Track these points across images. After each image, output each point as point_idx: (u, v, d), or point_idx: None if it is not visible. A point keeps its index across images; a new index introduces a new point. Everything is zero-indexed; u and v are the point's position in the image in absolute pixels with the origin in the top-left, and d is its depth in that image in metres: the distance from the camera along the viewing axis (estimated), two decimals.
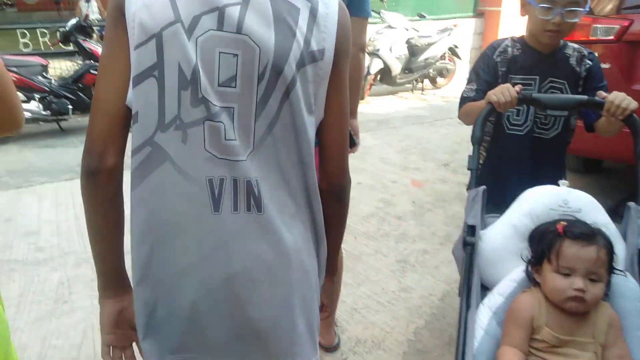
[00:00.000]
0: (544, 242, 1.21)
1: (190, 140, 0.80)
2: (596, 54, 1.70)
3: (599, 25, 3.03)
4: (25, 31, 5.33)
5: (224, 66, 0.78)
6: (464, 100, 1.71)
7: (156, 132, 0.80)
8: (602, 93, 1.47)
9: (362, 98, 6.60)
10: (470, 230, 1.34)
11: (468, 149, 1.54)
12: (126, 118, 0.81)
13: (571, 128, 1.71)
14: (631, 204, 1.38)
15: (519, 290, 1.25)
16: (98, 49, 5.01)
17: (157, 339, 0.90)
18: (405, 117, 5.93)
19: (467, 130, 1.61)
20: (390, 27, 6.71)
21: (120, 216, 0.88)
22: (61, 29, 5.02)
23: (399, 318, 2.18)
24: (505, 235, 1.36)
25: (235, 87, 0.80)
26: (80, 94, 5.00)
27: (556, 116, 1.66)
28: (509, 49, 1.66)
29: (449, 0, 8.03)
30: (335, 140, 0.93)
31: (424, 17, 7.32)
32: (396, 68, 6.74)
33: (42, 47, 5.46)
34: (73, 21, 5.01)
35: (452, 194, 3.58)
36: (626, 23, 2.88)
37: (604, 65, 3.01)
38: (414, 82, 7.26)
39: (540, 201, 1.34)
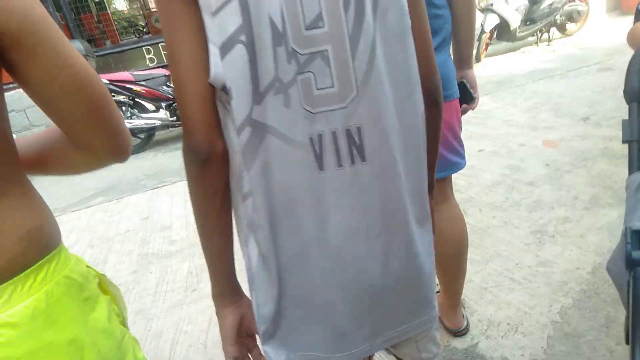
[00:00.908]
0: None
1: (292, 102, 0.70)
2: None
3: None
4: (150, 47, 5.86)
5: (307, 4, 0.67)
6: (638, 15, 1.21)
7: (252, 107, 0.70)
8: None
9: (479, 60, 6.04)
10: (639, 239, 0.85)
11: (614, 97, 1.17)
12: (214, 96, 0.72)
13: None
14: None
15: None
16: None
17: (283, 338, 0.84)
18: (530, 73, 5.28)
19: (611, 76, 1.20)
20: None
21: (230, 205, 0.80)
22: None
23: (539, 296, 1.88)
24: None
25: (323, 26, 0.69)
26: None
27: None
28: None
29: None
30: (420, 41, 0.78)
31: None
32: (515, 21, 6.04)
33: (165, 60, 5.96)
34: None
35: (596, 150, 3.04)
36: None
37: None
38: (538, 33, 6.44)
39: None
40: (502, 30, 6.13)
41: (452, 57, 1.49)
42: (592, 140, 3.22)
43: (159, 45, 5.91)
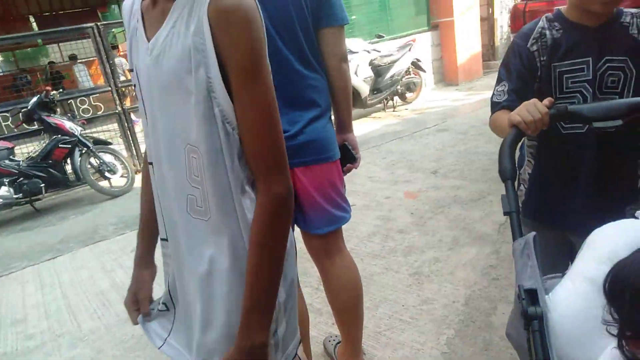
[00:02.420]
0: (627, 296, 0.73)
1: None
2: None
3: None
4: None
5: None
6: (494, 106, 1.36)
7: None
8: None
9: None
10: (531, 296, 0.91)
11: (453, 153, 1.38)
12: None
13: None
14: None
15: None
16: (64, 122, 4.89)
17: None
18: (382, 135, 5.91)
19: (448, 135, 1.38)
20: (351, 52, 6.79)
21: None
22: (23, 110, 4.90)
23: (427, 332, 2.03)
24: (581, 294, 0.89)
25: None
26: (52, 170, 4.84)
27: (612, 99, 1.27)
28: (547, 32, 1.30)
29: (403, 18, 8.19)
30: None
31: (382, 37, 7.45)
32: (364, 90, 6.78)
33: (6, 131, 5.32)
34: (34, 99, 4.90)
35: (449, 199, 3.49)
36: None
37: None
38: (384, 100, 7.29)
39: (624, 239, 0.90)
40: (355, 98, 6.81)
41: (332, 122, 1.64)
42: (444, 190, 3.69)
43: None
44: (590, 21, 1.26)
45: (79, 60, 10.07)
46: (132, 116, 5.95)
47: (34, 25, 22.57)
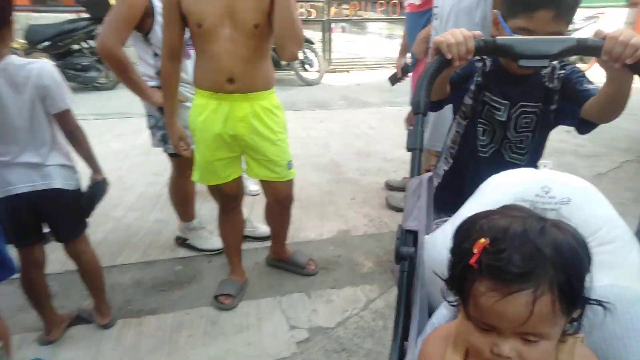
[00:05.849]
0: (456, 266, 0.72)
1: None
2: (575, 65, 1.37)
3: None
4: None
5: None
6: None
7: None
8: (601, 31, 1.03)
9: None
10: (407, 237, 0.87)
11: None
12: None
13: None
14: None
15: (452, 317, 0.84)
16: None
17: None
18: None
19: None
20: None
21: None
22: None
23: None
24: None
25: None
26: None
27: (527, 135, 1.40)
28: (487, 60, 1.41)
29: None
30: None
31: None
32: None
33: None
34: None
35: None
36: None
37: None
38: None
39: (509, 190, 0.90)
40: None
41: None
42: None
43: None
44: (514, 73, 1.36)
45: None
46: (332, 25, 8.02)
47: None
